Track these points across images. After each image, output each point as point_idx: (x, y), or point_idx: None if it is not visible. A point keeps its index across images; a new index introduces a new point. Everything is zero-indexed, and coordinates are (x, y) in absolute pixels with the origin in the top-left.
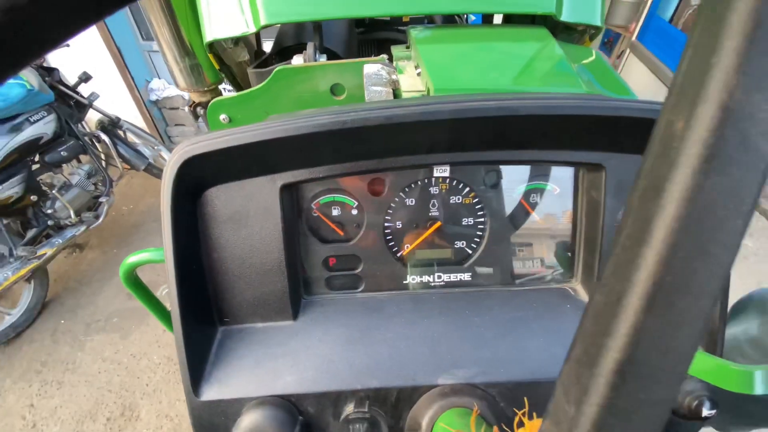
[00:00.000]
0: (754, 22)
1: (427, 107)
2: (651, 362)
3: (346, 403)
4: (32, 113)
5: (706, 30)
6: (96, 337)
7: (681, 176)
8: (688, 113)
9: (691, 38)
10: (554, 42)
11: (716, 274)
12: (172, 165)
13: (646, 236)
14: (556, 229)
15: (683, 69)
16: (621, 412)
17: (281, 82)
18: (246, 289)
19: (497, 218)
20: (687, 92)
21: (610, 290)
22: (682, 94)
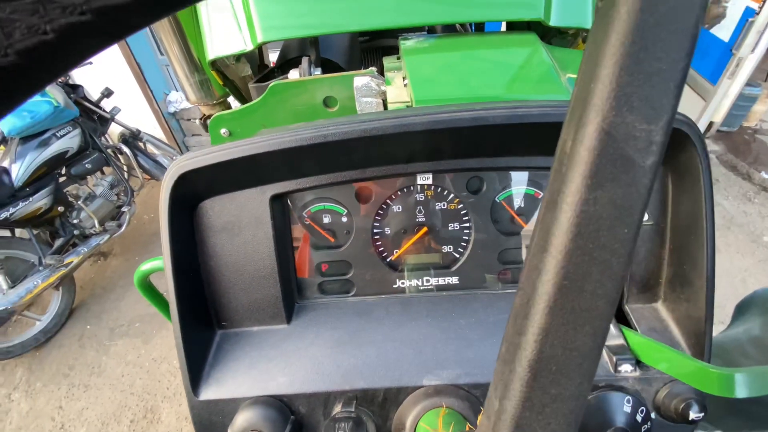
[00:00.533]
0: (624, 52)
1: (402, 119)
2: (558, 359)
3: (335, 403)
4: (59, 129)
5: (589, 59)
6: (120, 342)
7: (570, 190)
8: (574, 134)
9: (581, 66)
10: (541, 48)
11: (609, 277)
12: (168, 180)
13: (546, 244)
14: None
15: (574, 94)
16: (535, 406)
17: (276, 96)
18: (241, 294)
19: (482, 223)
20: (574, 114)
21: (524, 293)
22: (571, 115)
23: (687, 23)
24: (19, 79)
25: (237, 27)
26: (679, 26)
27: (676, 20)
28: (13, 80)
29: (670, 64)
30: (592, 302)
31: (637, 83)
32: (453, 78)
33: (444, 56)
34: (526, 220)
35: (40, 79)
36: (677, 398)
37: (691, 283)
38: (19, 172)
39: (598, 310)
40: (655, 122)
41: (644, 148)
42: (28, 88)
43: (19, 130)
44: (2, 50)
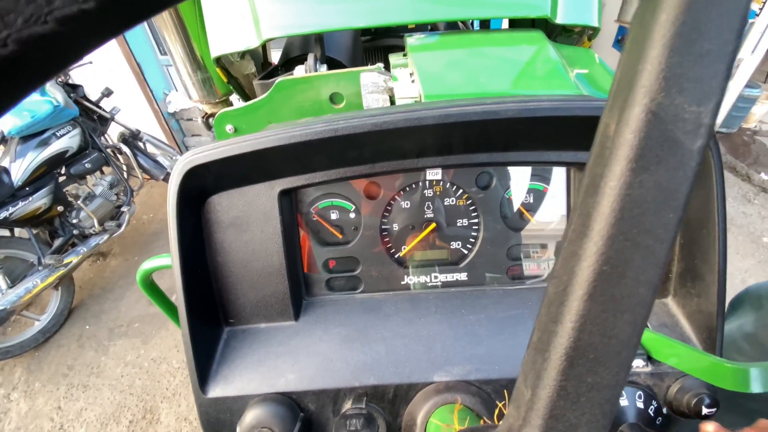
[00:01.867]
0: (674, 32)
1: (413, 113)
2: (596, 347)
3: (344, 399)
4: (59, 128)
5: (635, 40)
6: (119, 342)
7: (613, 174)
8: (618, 116)
9: (625, 47)
10: (548, 45)
11: (651, 264)
12: (176, 175)
13: (586, 230)
14: (550, 228)
15: (617, 76)
16: (570, 395)
17: (282, 92)
18: (249, 291)
19: (491, 219)
20: (618, 97)
21: (559, 281)
22: (615, 98)
23: (737, 4)
24: (18, 72)
25: (242, 24)
26: (729, 7)
27: (727, 0)
28: (13, 72)
29: (720, 46)
30: (633, 289)
31: (688, 64)
32: (461, 74)
33: (451, 53)
34: (533, 216)
35: (41, 72)
36: (689, 393)
37: (702, 277)
38: (19, 172)
39: (639, 297)
40: (705, 104)
41: (692, 130)
42: (28, 82)
43: (19, 129)
44: (1, 41)
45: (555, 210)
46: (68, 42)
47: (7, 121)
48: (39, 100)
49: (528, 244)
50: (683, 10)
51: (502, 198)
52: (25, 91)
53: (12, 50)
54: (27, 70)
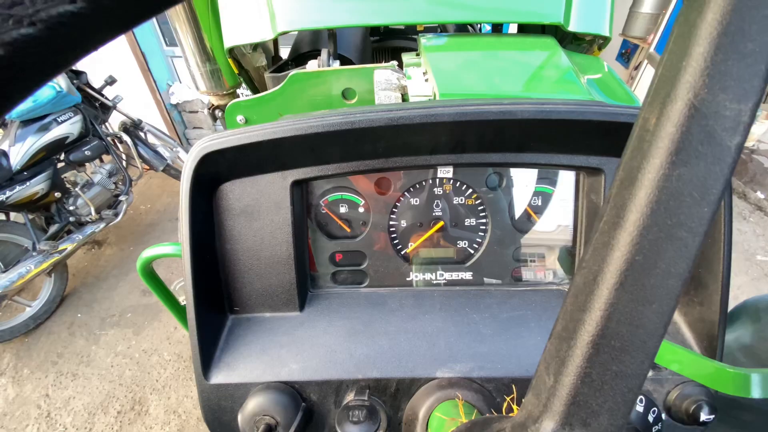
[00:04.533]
0: (721, 31)
1: (430, 110)
2: (622, 336)
3: (347, 391)
4: (60, 114)
5: (680, 37)
6: (110, 332)
7: (651, 166)
8: (659, 111)
9: (668, 44)
10: (561, 51)
11: (683, 256)
12: (191, 160)
13: (620, 220)
14: (557, 231)
15: (659, 72)
16: (595, 383)
17: (295, 85)
18: (256, 280)
19: (499, 220)
20: (660, 92)
21: (588, 271)
22: (656, 93)
23: None
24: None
25: (257, 16)
26: None
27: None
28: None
29: (762, 46)
30: (664, 280)
31: (732, 62)
32: (475, 74)
33: (465, 54)
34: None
35: (51, 68)
36: (688, 400)
37: (706, 286)
38: (18, 156)
39: (668, 288)
40: (745, 102)
41: (732, 127)
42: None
43: (20, 113)
44: (28, 18)
45: (561, 214)
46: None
47: None
48: None
49: (527, 253)
50: (730, 10)
51: (511, 199)
52: (26, 91)
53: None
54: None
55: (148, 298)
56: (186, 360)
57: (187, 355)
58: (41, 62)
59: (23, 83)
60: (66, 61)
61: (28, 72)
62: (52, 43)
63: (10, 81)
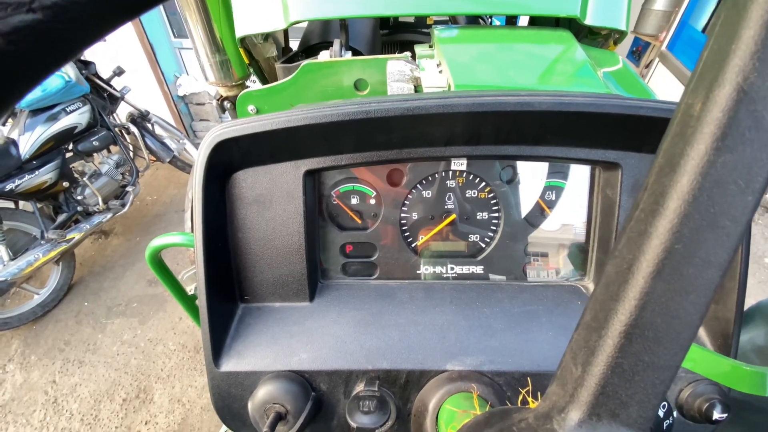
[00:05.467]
0: None
1: (446, 100)
2: (656, 326)
3: (356, 382)
4: (68, 104)
5: (727, 21)
6: (116, 321)
7: (695, 153)
8: (705, 95)
9: (713, 28)
10: (577, 45)
11: (724, 246)
12: (205, 147)
13: (659, 208)
14: (570, 227)
15: (704, 56)
16: (625, 373)
17: (308, 75)
18: (267, 269)
19: (512, 214)
20: (706, 76)
21: (622, 260)
22: (701, 78)
23: None
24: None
25: (270, 5)
26: None
27: None
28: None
29: None
30: (703, 270)
31: None
32: (491, 66)
33: (479, 46)
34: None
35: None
36: (701, 398)
37: (722, 284)
38: (27, 145)
39: (707, 278)
40: None
41: None
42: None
43: (30, 102)
44: (27, 4)
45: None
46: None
47: None
48: None
49: (538, 249)
50: None
51: (525, 194)
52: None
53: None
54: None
55: (154, 288)
56: (190, 350)
57: (191, 345)
58: (45, 51)
59: (28, 73)
60: (71, 50)
61: (32, 62)
62: (55, 30)
63: (14, 70)
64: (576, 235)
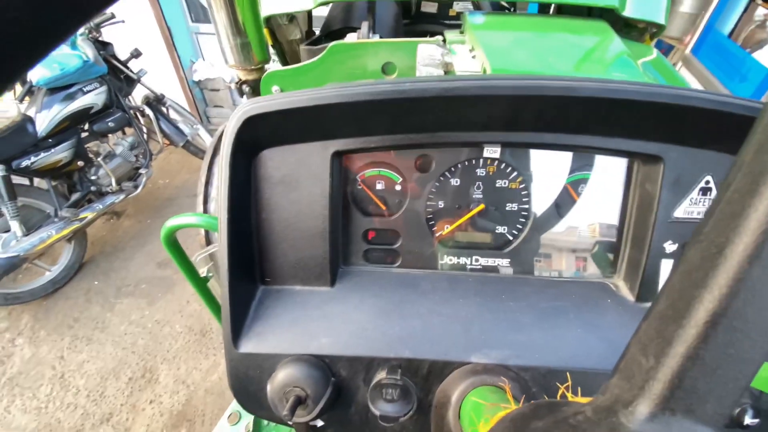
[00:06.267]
0: None
1: (487, 82)
2: (747, 316)
3: (377, 369)
4: (86, 84)
5: None
6: (125, 301)
7: None
8: None
9: None
10: (615, 35)
11: None
12: (234, 122)
13: (759, 187)
14: (601, 223)
15: None
16: (706, 366)
17: (335, 56)
18: (289, 251)
19: (542, 206)
20: None
21: (709, 244)
22: None
23: None
24: None
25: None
26: None
27: None
28: None
29: None
30: None
31: None
32: (528, 52)
33: (514, 33)
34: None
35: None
36: None
37: None
38: (44, 123)
39: None
40: None
41: None
42: None
43: (48, 80)
44: None
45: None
46: None
47: (36, 71)
48: (69, 53)
49: (560, 247)
50: None
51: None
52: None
53: None
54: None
55: (163, 270)
56: (197, 333)
57: (198, 328)
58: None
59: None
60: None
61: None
62: None
63: (25, 38)
64: (607, 230)
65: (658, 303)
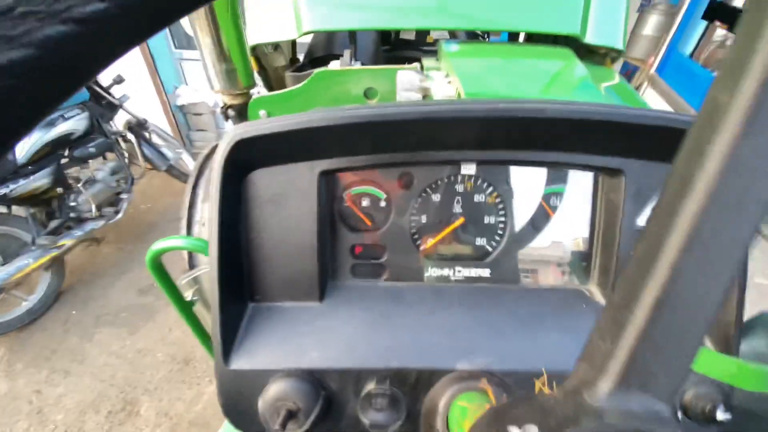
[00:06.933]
0: None
1: (461, 106)
2: (685, 298)
3: (367, 381)
4: (67, 110)
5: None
6: (105, 330)
7: (723, 139)
8: (732, 88)
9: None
10: (577, 60)
11: (747, 221)
12: (225, 146)
13: (687, 190)
14: (574, 232)
15: (731, 55)
16: (654, 344)
17: (320, 83)
18: (278, 268)
19: (518, 218)
20: (734, 72)
21: (651, 239)
22: (728, 73)
23: None
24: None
25: (283, 15)
26: None
27: None
28: None
29: None
30: (728, 246)
31: None
32: (499, 77)
33: (486, 60)
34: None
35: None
36: (703, 399)
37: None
38: (23, 150)
39: (731, 254)
40: None
41: None
42: None
43: None
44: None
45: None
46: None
47: None
48: None
49: (537, 256)
50: None
51: (531, 199)
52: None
53: None
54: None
55: (145, 297)
56: (179, 362)
57: (181, 356)
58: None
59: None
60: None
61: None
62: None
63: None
64: (581, 240)
65: (614, 296)
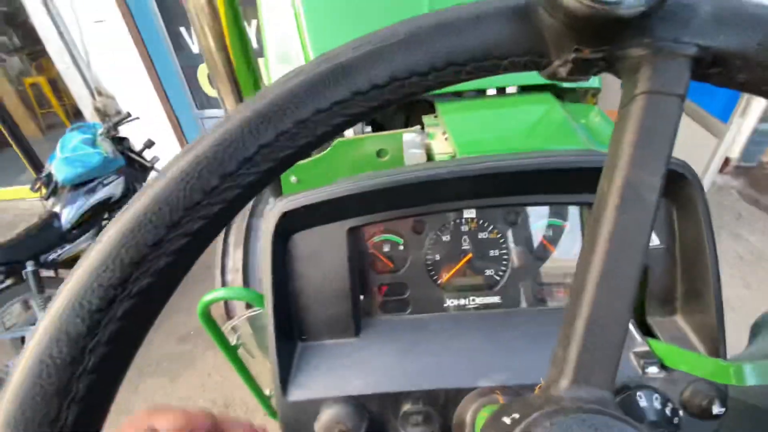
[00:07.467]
0: (634, 154)
1: (456, 168)
2: (602, 317)
3: (403, 402)
4: (105, 177)
5: (613, 154)
6: (148, 381)
7: (609, 213)
8: (609, 180)
9: (609, 150)
10: (558, 105)
11: (633, 264)
12: (273, 216)
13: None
14: (570, 258)
15: (608, 158)
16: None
17: (340, 150)
18: (320, 312)
19: (519, 249)
20: (609, 171)
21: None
22: (606, 171)
23: None
24: None
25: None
26: None
27: None
28: None
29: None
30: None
31: (642, 168)
32: (487, 134)
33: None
34: (555, 246)
35: None
36: (700, 395)
37: (702, 296)
38: (69, 216)
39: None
40: (656, 176)
41: (650, 189)
42: None
43: (71, 179)
44: None
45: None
46: None
47: (60, 171)
48: (91, 152)
49: (542, 281)
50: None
51: (528, 232)
52: None
53: None
54: None
55: (184, 345)
56: (220, 406)
57: (221, 401)
58: None
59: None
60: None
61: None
62: None
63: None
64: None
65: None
